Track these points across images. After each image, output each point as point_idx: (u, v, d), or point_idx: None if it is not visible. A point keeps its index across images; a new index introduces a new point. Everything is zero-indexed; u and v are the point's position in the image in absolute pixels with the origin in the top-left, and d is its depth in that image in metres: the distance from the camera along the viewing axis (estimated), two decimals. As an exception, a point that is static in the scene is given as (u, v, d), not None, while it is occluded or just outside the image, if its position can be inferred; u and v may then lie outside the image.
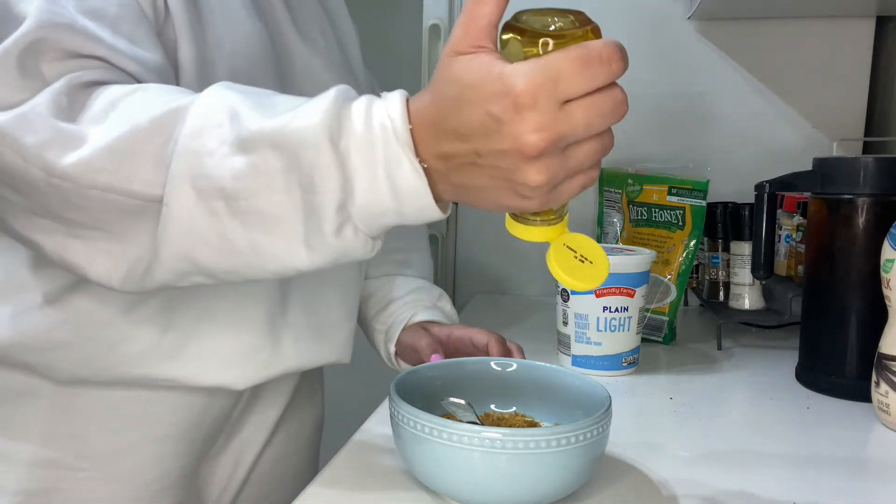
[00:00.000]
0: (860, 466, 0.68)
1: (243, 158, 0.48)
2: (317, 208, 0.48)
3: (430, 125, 0.47)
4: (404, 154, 0.47)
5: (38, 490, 0.66)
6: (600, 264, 0.52)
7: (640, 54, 1.36)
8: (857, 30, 1.29)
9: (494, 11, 0.45)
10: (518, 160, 0.44)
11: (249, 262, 0.51)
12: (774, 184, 0.89)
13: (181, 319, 0.66)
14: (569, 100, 0.43)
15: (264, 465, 0.81)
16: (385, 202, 0.48)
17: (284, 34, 0.73)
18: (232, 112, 0.49)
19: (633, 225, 1.13)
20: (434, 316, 0.89)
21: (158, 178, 0.49)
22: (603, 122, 0.45)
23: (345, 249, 0.50)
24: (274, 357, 0.71)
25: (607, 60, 0.43)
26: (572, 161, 0.45)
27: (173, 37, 0.61)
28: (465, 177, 0.47)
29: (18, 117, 0.50)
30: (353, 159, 0.47)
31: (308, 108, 0.48)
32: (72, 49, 0.53)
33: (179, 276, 0.53)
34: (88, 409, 0.67)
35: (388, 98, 0.48)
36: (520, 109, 0.43)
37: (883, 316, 0.78)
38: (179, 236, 0.50)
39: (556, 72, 0.43)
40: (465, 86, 0.45)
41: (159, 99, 0.51)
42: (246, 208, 0.49)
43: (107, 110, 0.51)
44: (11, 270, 0.64)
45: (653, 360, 0.98)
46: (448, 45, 0.46)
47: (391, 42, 1.76)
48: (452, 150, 0.46)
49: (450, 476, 0.55)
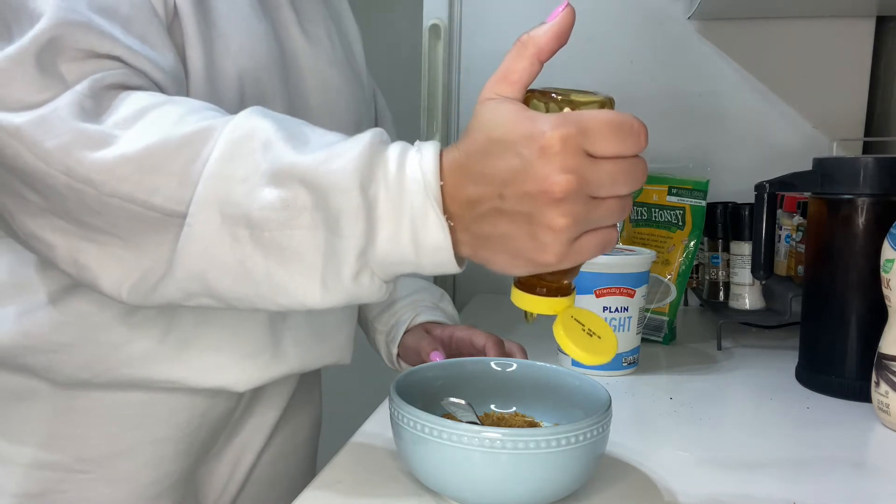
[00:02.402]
0: (860, 466, 0.68)
1: (274, 191, 0.48)
2: (338, 251, 0.48)
3: (459, 171, 0.47)
4: (432, 209, 0.47)
5: (38, 492, 0.66)
6: (608, 340, 0.51)
7: (640, 54, 1.36)
8: (857, 30, 1.29)
9: (528, 70, 0.47)
10: (543, 202, 0.44)
11: (262, 293, 0.51)
12: (774, 184, 0.89)
13: (183, 321, 0.66)
14: (596, 156, 0.44)
15: (263, 466, 0.81)
16: (405, 253, 0.48)
17: (290, 34, 0.73)
18: (265, 142, 0.49)
19: (633, 225, 1.13)
20: (436, 317, 0.89)
21: (182, 194, 0.49)
22: (626, 184, 0.45)
23: (359, 293, 0.51)
24: (275, 359, 0.71)
25: (637, 132, 0.45)
26: (594, 213, 0.46)
27: (181, 37, 0.61)
28: (488, 225, 0.47)
29: (38, 119, 0.50)
30: (381, 208, 0.48)
31: (341, 149, 0.48)
32: (89, 48, 0.53)
33: (187, 296, 0.53)
34: (89, 411, 0.67)
35: (423, 149, 0.48)
36: (547, 152, 0.44)
37: (883, 316, 0.78)
38: (197, 257, 0.50)
39: (585, 124, 0.44)
40: (493, 128, 0.46)
41: (191, 115, 0.51)
42: (269, 240, 0.49)
43: (135, 117, 0.51)
44: (16, 270, 0.64)
45: (653, 360, 0.99)
46: (481, 95, 0.48)
47: (391, 42, 1.76)
48: (477, 193, 0.46)
49: (450, 476, 0.55)
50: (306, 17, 0.75)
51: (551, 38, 0.47)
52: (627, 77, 1.36)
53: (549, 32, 0.47)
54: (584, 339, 0.51)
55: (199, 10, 0.62)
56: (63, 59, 0.52)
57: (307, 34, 0.74)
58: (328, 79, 0.75)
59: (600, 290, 0.89)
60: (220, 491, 0.78)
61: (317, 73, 0.74)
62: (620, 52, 1.36)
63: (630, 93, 1.36)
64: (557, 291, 0.51)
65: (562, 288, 0.51)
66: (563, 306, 0.51)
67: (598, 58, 1.36)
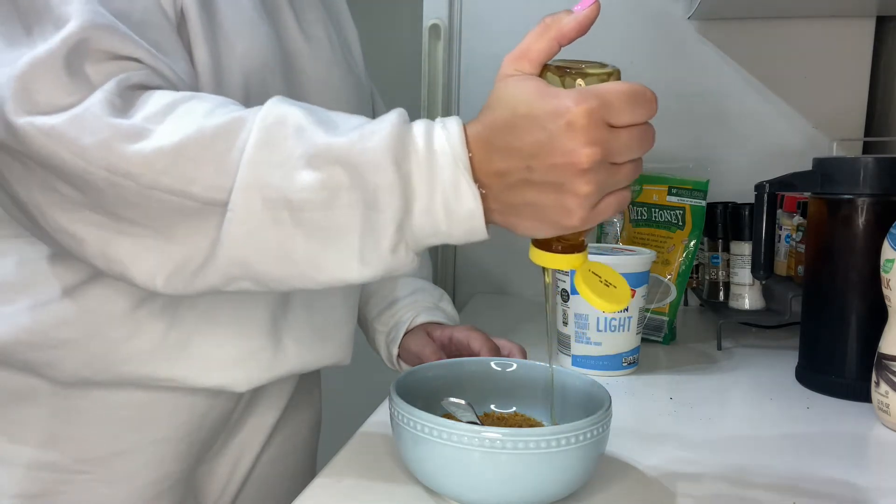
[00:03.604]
0: (860, 466, 0.68)
1: (311, 173, 0.50)
2: (377, 226, 0.51)
3: (484, 144, 0.50)
4: (463, 178, 0.50)
5: (37, 492, 0.66)
6: (623, 288, 0.56)
7: (641, 54, 1.36)
8: (857, 30, 1.29)
9: (547, 50, 0.51)
10: (570, 172, 0.48)
11: (303, 272, 0.53)
12: (774, 184, 0.89)
13: (185, 318, 0.66)
14: (615, 125, 0.48)
15: (262, 466, 0.81)
16: (439, 223, 0.51)
17: (290, 35, 0.73)
18: (298, 127, 0.51)
19: (633, 225, 1.13)
20: (436, 317, 0.89)
21: (220, 182, 0.51)
22: (640, 148, 0.50)
23: (395, 265, 0.53)
24: (276, 358, 0.71)
25: (651, 99, 0.50)
26: (614, 178, 0.49)
27: (188, 40, 0.62)
28: (516, 193, 0.50)
29: (73, 118, 0.51)
30: (415, 181, 0.50)
31: (372, 129, 0.51)
32: (112, 50, 0.54)
33: (228, 281, 0.54)
34: (88, 411, 0.67)
35: (447, 123, 0.51)
36: (574, 127, 0.47)
37: (883, 316, 0.78)
38: (241, 242, 0.52)
39: (606, 97, 0.48)
40: (518, 104, 0.49)
41: (220, 108, 0.53)
42: (310, 220, 0.51)
43: (165, 112, 0.52)
44: (22, 268, 0.64)
45: (653, 360, 0.99)
46: (500, 72, 0.51)
47: (391, 42, 1.76)
48: (506, 166, 0.49)
49: (450, 476, 0.55)
50: (305, 18, 0.76)
51: (574, 27, 0.50)
52: (627, 77, 1.35)
53: (574, 21, 0.50)
54: (602, 289, 0.55)
55: (204, 14, 0.63)
56: (89, 61, 0.53)
57: (306, 35, 0.75)
58: (328, 80, 0.76)
59: (600, 290, 0.89)
60: (220, 491, 0.78)
61: (317, 74, 0.74)
62: (620, 52, 1.36)
63: (630, 93, 1.36)
64: (573, 248, 0.54)
65: (577, 244, 0.55)
66: (579, 262, 0.55)
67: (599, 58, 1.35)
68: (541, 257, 0.55)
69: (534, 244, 0.55)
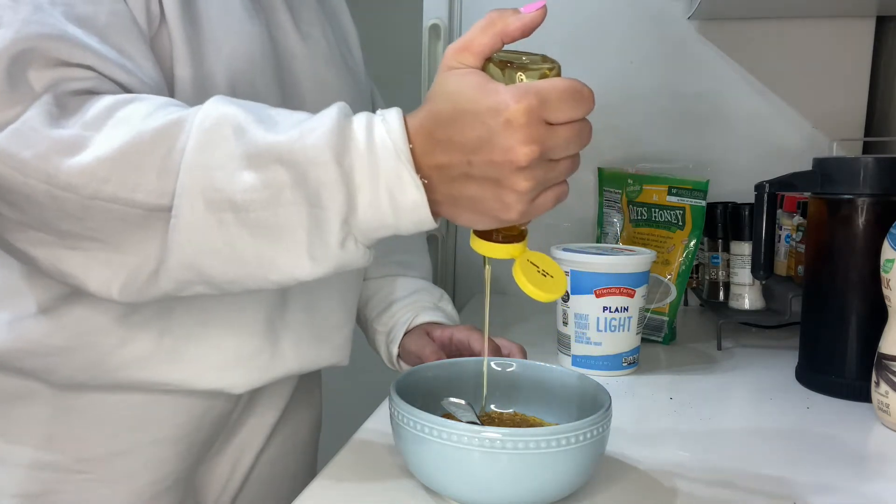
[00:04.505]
0: (860, 467, 0.68)
1: (253, 173, 0.50)
2: (322, 222, 0.51)
3: (426, 137, 0.50)
4: (405, 170, 0.50)
5: (36, 492, 0.66)
6: (560, 278, 0.57)
7: (641, 54, 1.36)
8: (857, 30, 1.29)
9: (490, 45, 0.51)
10: (508, 169, 0.48)
11: (254, 273, 0.53)
12: (774, 184, 0.89)
13: (178, 324, 0.66)
14: (553, 123, 0.49)
15: (262, 466, 0.81)
16: (385, 216, 0.51)
17: (286, 34, 0.73)
18: (237, 127, 0.51)
19: (633, 225, 1.13)
20: (436, 317, 0.89)
21: (162, 187, 0.51)
22: (578, 145, 0.50)
23: (346, 260, 0.53)
24: (273, 360, 0.71)
25: (588, 97, 0.50)
26: (552, 174, 0.50)
27: (169, 41, 0.61)
28: (458, 187, 0.50)
29: (12, 133, 0.50)
30: (357, 176, 0.50)
31: (312, 125, 0.51)
32: (59, 58, 0.53)
33: (182, 286, 0.54)
34: (87, 411, 0.67)
35: (387, 115, 0.51)
36: (512, 125, 0.47)
37: (883, 316, 0.78)
38: (188, 246, 0.51)
39: (545, 95, 0.48)
40: (460, 99, 0.49)
41: (158, 111, 0.52)
42: (255, 220, 0.51)
43: (104, 118, 0.52)
44: (9, 277, 0.64)
45: (653, 360, 0.98)
46: (442, 63, 0.51)
47: (391, 42, 1.76)
48: (447, 160, 0.50)
49: (450, 476, 0.55)
50: (302, 17, 0.75)
51: (519, 27, 0.50)
52: (627, 77, 1.36)
53: (519, 22, 0.50)
54: (540, 279, 0.56)
55: (186, 15, 0.62)
56: (31, 70, 0.52)
57: (303, 35, 0.74)
58: (324, 79, 0.75)
59: (600, 290, 0.89)
60: (220, 491, 0.78)
61: (312, 74, 0.74)
62: (620, 52, 1.36)
63: (630, 93, 1.36)
64: (513, 238, 0.56)
65: (517, 234, 0.56)
66: (518, 251, 0.56)
67: (599, 58, 1.36)
68: (481, 246, 0.56)
69: (474, 233, 0.56)
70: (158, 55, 0.61)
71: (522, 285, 0.55)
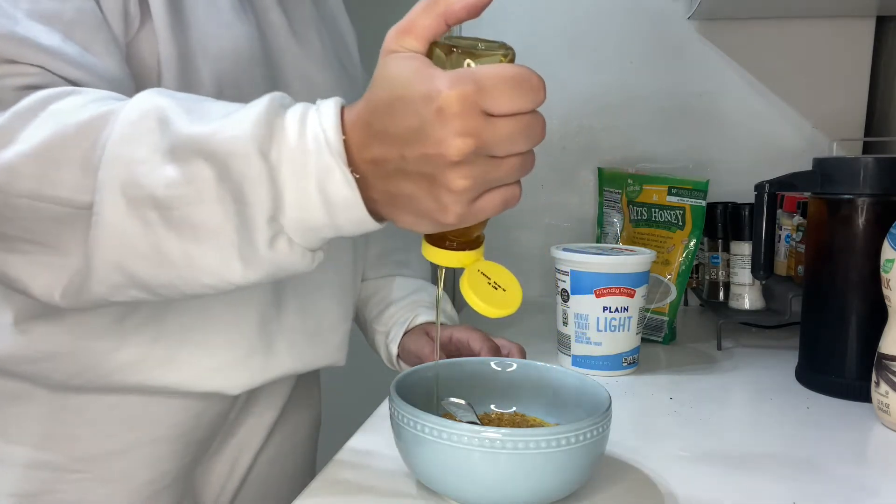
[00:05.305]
0: (860, 466, 0.68)
1: (174, 167, 0.46)
2: (248, 220, 0.47)
3: (363, 129, 0.46)
4: (336, 165, 0.46)
5: (33, 492, 0.66)
6: (513, 291, 0.52)
7: (641, 54, 1.36)
8: (857, 30, 1.29)
9: (433, 27, 0.45)
10: (441, 164, 0.43)
11: (184, 276, 0.49)
12: (774, 184, 0.89)
13: (172, 327, 0.66)
14: (494, 113, 0.43)
15: (261, 466, 0.81)
16: (318, 214, 0.47)
17: (278, 36, 0.72)
18: (162, 118, 0.47)
19: (633, 225, 1.13)
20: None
21: (87, 183, 0.48)
22: (526, 141, 0.45)
23: (280, 262, 0.49)
24: (268, 362, 0.71)
25: (536, 87, 0.44)
26: (494, 173, 0.45)
27: (153, 39, 0.60)
28: (393, 184, 0.46)
29: None
30: (284, 171, 0.46)
31: (239, 117, 0.47)
32: (7, 56, 0.51)
33: (115, 290, 0.51)
34: (84, 411, 0.67)
35: (322, 106, 0.47)
36: (444, 113, 0.42)
37: (883, 316, 0.78)
38: (111, 246, 0.48)
39: (483, 82, 0.42)
40: (396, 84, 0.44)
41: (92, 103, 0.50)
42: (179, 218, 0.47)
43: (35, 111, 0.49)
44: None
45: (653, 360, 0.98)
46: (383, 46, 0.46)
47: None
48: (382, 153, 0.45)
49: (450, 476, 0.55)
50: (296, 18, 0.75)
51: (464, 6, 0.45)
52: (627, 77, 1.36)
53: (464, 2, 0.45)
54: (489, 292, 0.51)
55: (172, 12, 0.61)
56: None
57: (297, 36, 0.74)
58: (315, 81, 0.75)
59: (600, 290, 0.89)
60: (219, 491, 0.78)
61: (303, 75, 0.74)
62: (620, 52, 1.36)
63: (630, 93, 1.36)
64: (465, 245, 0.51)
65: (470, 241, 0.51)
66: (470, 260, 0.52)
67: (599, 58, 1.36)
68: (431, 253, 0.51)
69: (425, 238, 0.51)
70: (143, 55, 0.60)
71: (468, 298, 0.51)
